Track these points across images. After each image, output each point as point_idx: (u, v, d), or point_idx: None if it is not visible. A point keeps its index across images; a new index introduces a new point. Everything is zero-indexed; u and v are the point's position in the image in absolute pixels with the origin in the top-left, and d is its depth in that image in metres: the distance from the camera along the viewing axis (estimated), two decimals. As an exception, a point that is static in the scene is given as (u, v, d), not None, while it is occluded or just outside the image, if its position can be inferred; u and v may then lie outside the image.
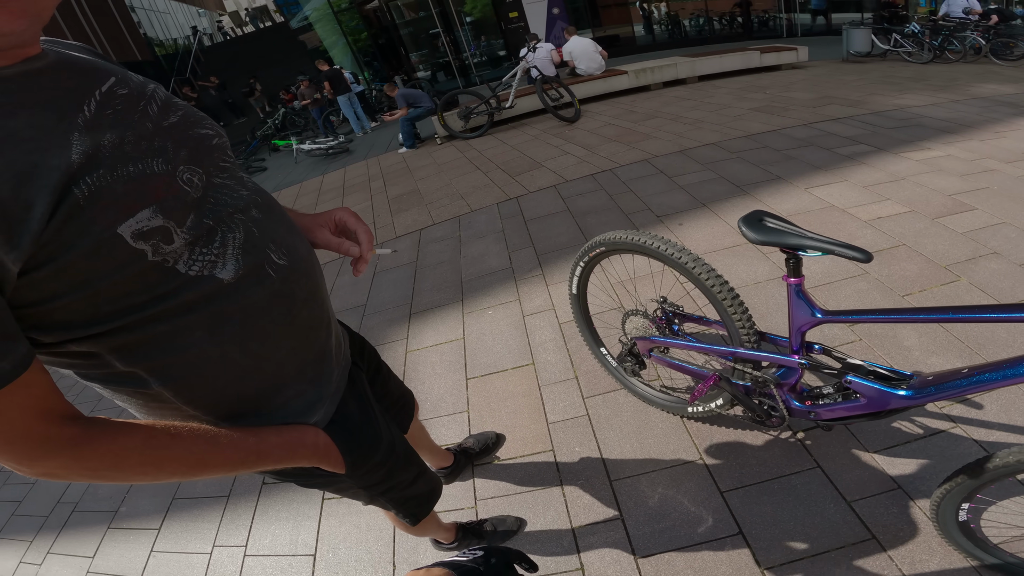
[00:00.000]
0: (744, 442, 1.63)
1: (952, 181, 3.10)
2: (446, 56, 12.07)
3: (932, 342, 1.92)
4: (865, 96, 5.34)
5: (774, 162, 3.69)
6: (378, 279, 3.15)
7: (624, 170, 3.97)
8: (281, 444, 0.67)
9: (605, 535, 1.45)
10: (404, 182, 4.84)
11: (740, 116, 4.99)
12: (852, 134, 4.08)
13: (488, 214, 3.69)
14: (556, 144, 4.97)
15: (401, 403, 1.18)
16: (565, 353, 2.15)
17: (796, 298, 1.17)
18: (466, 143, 5.75)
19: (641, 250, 1.39)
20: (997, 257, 2.36)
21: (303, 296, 0.69)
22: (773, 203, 3.10)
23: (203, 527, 1.83)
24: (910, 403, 1.07)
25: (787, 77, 6.98)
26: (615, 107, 6.20)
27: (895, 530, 1.33)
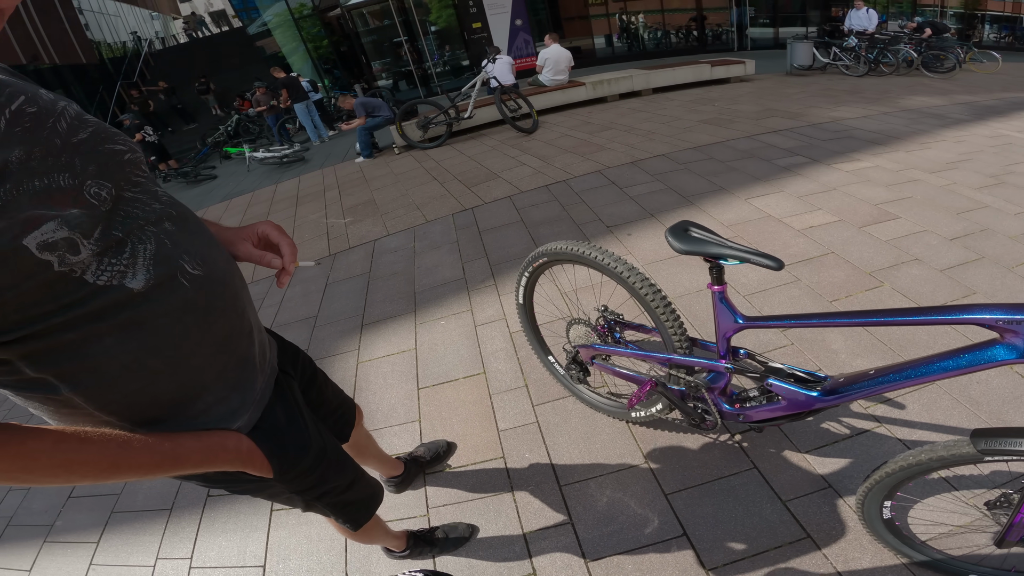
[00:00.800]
0: (685, 445, 1.69)
1: (878, 191, 3.30)
2: (408, 65, 12.02)
3: (857, 345, 2.03)
4: (804, 109, 5.64)
5: (718, 173, 3.84)
6: (330, 290, 3.10)
7: (578, 181, 4.05)
8: (199, 448, 0.69)
9: (556, 540, 1.47)
10: (360, 192, 4.78)
11: (690, 128, 5.18)
12: (790, 146, 4.30)
13: (443, 225, 3.69)
14: (513, 155, 5.02)
15: (340, 412, 1.19)
16: (516, 362, 2.18)
17: (720, 305, 1.22)
18: (424, 153, 5.74)
19: (580, 260, 1.42)
20: (918, 263, 2.52)
21: (220, 305, 0.71)
22: (716, 213, 3.22)
23: (145, 540, 1.77)
24: (824, 404, 1.13)
25: (735, 90, 7.30)
26: (572, 118, 6.31)
27: (828, 528, 1.39)
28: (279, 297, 3.15)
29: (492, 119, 6.35)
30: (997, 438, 0.90)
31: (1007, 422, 1.61)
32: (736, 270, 2.55)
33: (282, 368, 0.93)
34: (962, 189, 3.29)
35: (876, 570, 1.29)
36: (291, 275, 0.88)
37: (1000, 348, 0.83)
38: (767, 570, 1.33)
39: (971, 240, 2.68)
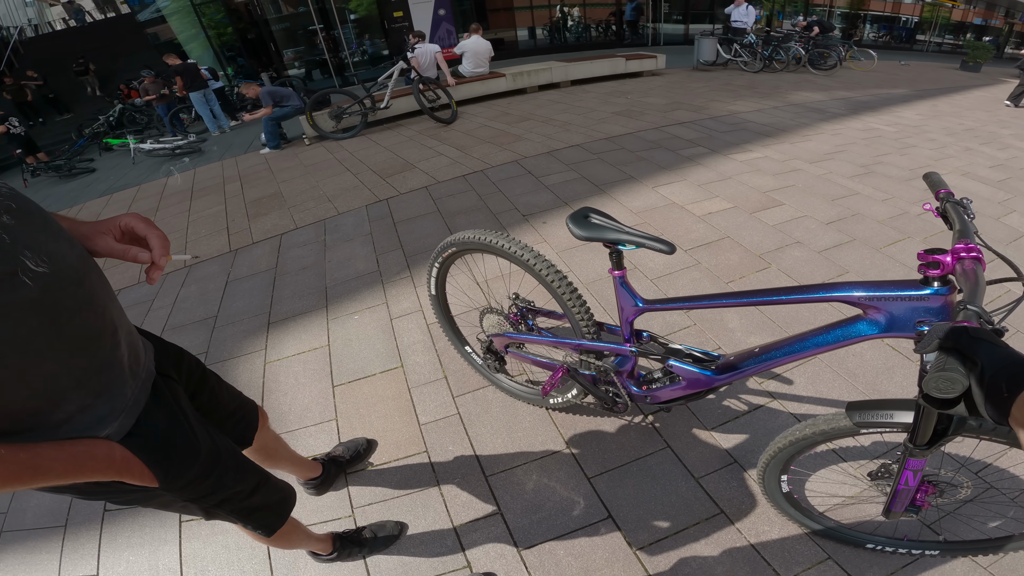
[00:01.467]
0: (603, 429, 1.73)
1: (766, 180, 3.59)
2: (323, 54, 11.37)
3: (750, 323, 2.18)
4: (707, 102, 6.01)
5: (629, 163, 3.99)
6: (231, 288, 2.86)
7: (495, 171, 4.03)
8: (62, 458, 0.65)
9: (487, 531, 1.46)
10: (265, 184, 4.44)
11: (604, 119, 5.34)
12: (693, 137, 4.56)
13: (356, 216, 3.52)
14: (430, 145, 4.90)
15: (239, 415, 1.14)
16: (434, 354, 2.13)
17: (621, 289, 1.24)
18: (337, 144, 5.44)
19: (488, 249, 1.39)
20: (800, 246, 2.77)
21: (72, 306, 0.66)
22: (626, 200, 3.34)
23: (42, 558, 1.58)
24: (720, 382, 1.18)
25: (647, 83, 7.63)
26: (492, 109, 6.29)
27: (738, 503, 1.47)
28: (172, 297, 2.86)
29: (410, 109, 6.17)
30: (869, 411, 0.97)
31: (880, 392, 1.80)
32: (643, 255, 2.66)
33: (162, 372, 0.89)
34: (837, 178, 3.66)
35: (785, 541, 1.37)
36: (162, 270, 0.81)
37: (863, 324, 0.89)
38: (688, 545, 1.39)
39: (844, 224, 2.99)
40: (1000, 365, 0.48)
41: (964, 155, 4.32)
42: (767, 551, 1.35)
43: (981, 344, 0.51)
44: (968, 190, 3.58)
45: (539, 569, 1.36)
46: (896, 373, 1.87)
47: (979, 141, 4.78)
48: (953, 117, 5.78)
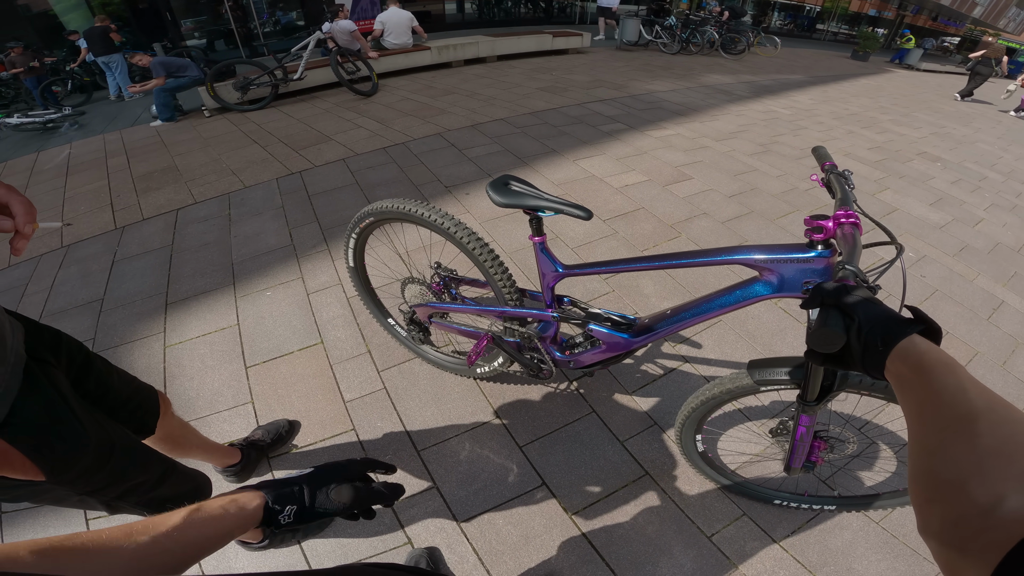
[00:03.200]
0: (531, 397, 1.75)
1: (678, 155, 3.78)
2: (229, 24, 10.32)
3: (663, 288, 2.30)
4: (627, 81, 6.19)
5: (551, 136, 4.03)
6: (118, 268, 2.57)
7: (417, 143, 3.91)
8: None
9: (424, 506, 1.44)
10: (157, 158, 4.00)
11: (528, 95, 5.33)
12: (613, 114, 4.69)
13: (266, 190, 3.28)
14: (349, 118, 4.65)
15: (135, 402, 1.06)
16: (355, 328, 2.06)
17: (542, 255, 1.24)
18: (243, 116, 5.01)
19: (407, 218, 1.35)
20: (706, 217, 2.95)
21: None
22: (548, 173, 3.38)
23: None
24: (637, 344, 1.23)
25: (572, 61, 7.71)
26: (415, 82, 6.07)
27: (661, 464, 1.55)
28: (48, 281, 2.52)
29: (327, 81, 5.80)
30: (767, 368, 1.03)
31: (775, 351, 1.97)
32: (564, 225, 2.71)
33: (35, 356, 0.82)
34: (739, 155, 3.93)
35: (705, 499, 1.47)
36: (28, 240, 0.73)
37: (759, 285, 0.95)
38: (619, 508, 1.45)
39: (744, 197, 3.23)
40: (875, 321, 0.49)
41: (847, 137, 4.80)
42: (690, 509, 1.45)
43: (859, 303, 0.53)
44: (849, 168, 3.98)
45: (480, 539, 1.37)
46: (788, 334, 2.07)
47: (861, 125, 5.33)
48: (840, 103, 6.39)
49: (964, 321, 2.32)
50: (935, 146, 4.93)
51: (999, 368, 2.08)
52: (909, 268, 2.69)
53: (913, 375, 0.42)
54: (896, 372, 0.45)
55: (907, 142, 4.91)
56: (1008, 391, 1.96)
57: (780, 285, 0.92)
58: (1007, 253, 3.03)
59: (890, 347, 0.46)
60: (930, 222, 3.24)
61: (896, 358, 0.45)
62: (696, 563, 1.33)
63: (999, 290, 2.62)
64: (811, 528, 1.41)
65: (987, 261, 2.89)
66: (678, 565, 1.32)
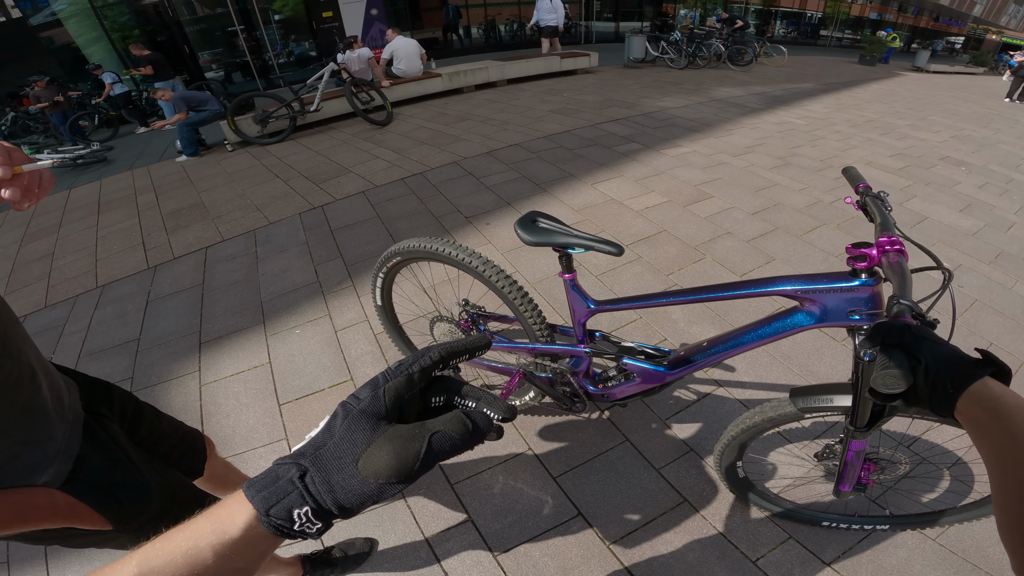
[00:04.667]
0: (563, 427, 1.73)
1: (696, 173, 3.76)
2: (245, 56, 10.69)
3: (692, 314, 2.27)
4: (638, 99, 6.22)
5: (567, 160, 4.05)
6: (153, 308, 2.62)
7: (434, 173, 3.96)
8: (2, 509, 0.63)
9: (459, 539, 1.43)
10: (184, 195, 4.11)
11: (541, 118, 5.39)
12: (627, 133, 4.70)
13: (289, 225, 3.34)
14: (366, 148, 4.74)
15: (185, 446, 1.10)
16: (384, 364, 2.06)
17: (572, 292, 1.24)
18: (263, 149, 5.13)
19: (434, 257, 1.35)
20: (730, 236, 2.92)
21: None
22: (567, 199, 3.39)
23: None
24: (673, 376, 1.21)
25: (581, 81, 7.79)
26: (428, 110, 6.17)
27: (700, 491, 1.52)
28: (85, 321, 2.59)
29: (343, 112, 5.93)
30: (811, 396, 1.01)
31: (813, 372, 1.92)
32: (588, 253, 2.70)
33: (92, 410, 0.84)
34: (758, 170, 3.90)
35: (748, 524, 1.43)
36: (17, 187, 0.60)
37: (801, 315, 0.94)
38: (659, 536, 1.42)
39: (768, 214, 3.19)
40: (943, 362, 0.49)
41: (867, 145, 4.74)
42: (733, 535, 1.41)
43: (924, 342, 0.52)
44: (872, 178, 3.92)
45: (517, 572, 1.35)
46: (825, 354, 2.01)
47: (879, 132, 5.26)
48: (855, 110, 6.33)
49: (1007, 331, 2.25)
50: (957, 150, 4.84)
51: (1052, 385, 1.99)
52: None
53: (989, 419, 0.42)
54: (969, 415, 0.45)
55: (928, 147, 4.83)
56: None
57: (823, 315, 0.90)
58: (1046, 261, 2.93)
59: (961, 390, 0.46)
60: (962, 229, 3.16)
61: (969, 400, 0.45)
62: (743, 592, 1.28)
63: (1042, 300, 2.53)
64: (863, 549, 1.37)
65: (1025, 268, 2.80)
66: (725, 595, 1.27)
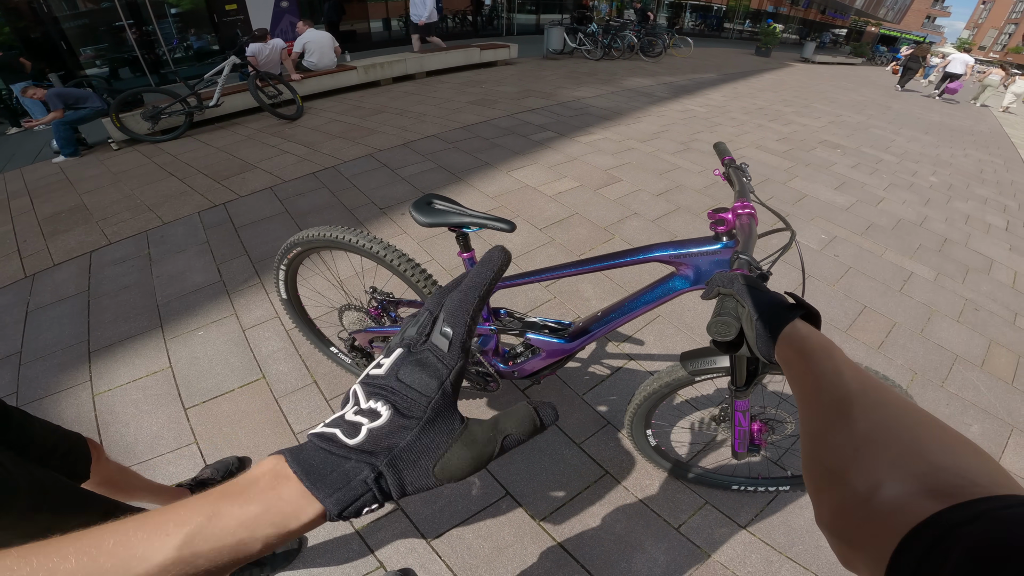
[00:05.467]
0: (481, 409, 1.75)
1: (607, 159, 3.93)
2: (133, 51, 9.70)
3: (601, 290, 2.37)
4: (554, 89, 6.37)
5: (483, 150, 4.08)
6: (33, 319, 2.34)
7: (348, 166, 3.83)
8: None
9: (391, 528, 1.42)
10: (63, 197, 3.68)
11: (459, 109, 5.37)
12: (542, 122, 4.81)
13: (187, 225, 3.09)
14: (273, 144, 4.49)
15: (63, 448, 1.06)
16: (298, 360, 2.00)
17: None
18: (155, 147, 4.71)
19: (335, 244, 1.32)
20: (637, 216, 3.08)
21: None
22: (482, 186, 3.41)
23: None
24: (574, 347, 1.24)
25: (500, 73, 7.84)
26: (342, 103, 5.94)
27: (619, 462, 1.58)
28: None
29: (247, 107, 5.56)
30: (698, 359, 1.05)
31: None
32: (502, 238, 2.75)
33: None
34: (663, 154, 4.14)
35: (667, 491, 1.51)
36: None
37: (677, 279, 0.98)
38: (586, 510, 1.46)
39: (671, 195, 3.40)
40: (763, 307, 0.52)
41: (757, 131, 5.17)
42: (654, 503, 1.48)
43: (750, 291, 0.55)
44: (761, 160, 4.29)
45: (452, 556, 1.36)
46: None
47: (768, 118, 5.75)
48: (749, 98, 6.88)
49: (879, 295, 2.54)
50: (834, 134, 5.41)
51: (918, 336, 2.29)
52: (822, 250, 2.93)
53: (797, 359, 0.43)
54: (784, 357, 0.46)
55: (809, 132, 5.36)
56: (930, 358, 2.15)
57: (696, 278, 0.96)
58: (910, 228, 3.37)
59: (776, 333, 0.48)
60: (837, 205, 3.54)
61: (783, 343, 0.47)
62: (668, 555, 1.37)
63: (907, 263, 2.90)
64: (774, 511, 1.48)
65: (892, 236, 3.20)
66: (651, 559, 1.36)
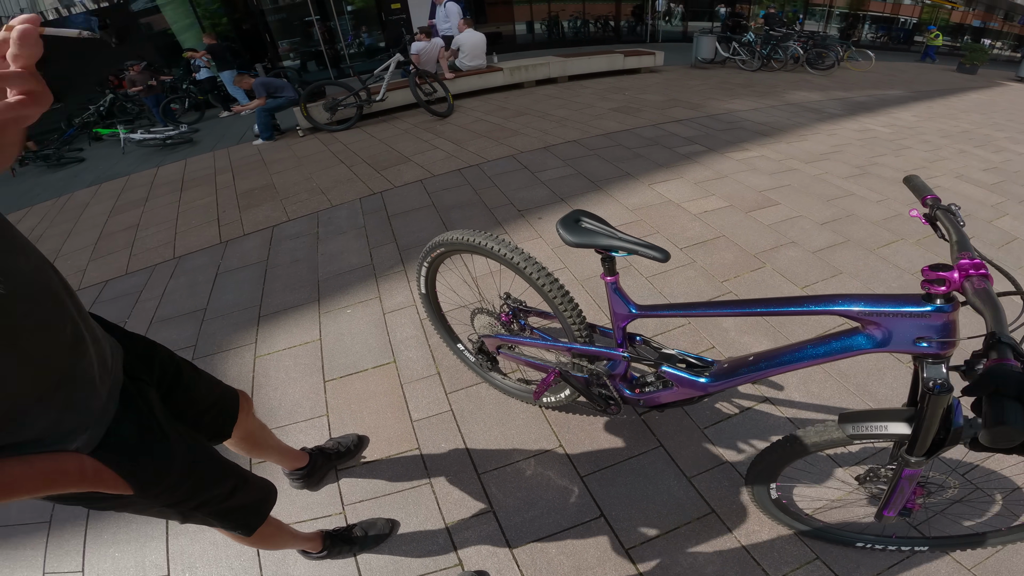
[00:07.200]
0: (597, 426, 1.72)
1: (762, 179, 3.58)
2: (319, 45, 11.25)
3: (744, 323, 2.17)
4: (704, 100, 5.99)
5: (625, 159, 3.97)
6: (221, 280, 2.82)
7: (491, 165, 4.00)
8: (32, 475, 0.64)
9: (478, 529, 1.45)
10: (257, 176, 4.38)
11: (601, 115, 5.31)
12: (690, 135, 4.54)
13: (350, 209, 3.48)
14: (426, 139, 4.86)
15: (217, 408, 1.10)
16: (427, 349, 2.11)
17: (614, 295, 1.22)
18: (331, 136, 5.38)
19: (477, 250, 1.37)
20: (794, 246, 2.76)
21: (30, 325, 0.62)
22: (622, 197, 3.32)
23: (27, 554, 1.56)
24: (712, 389, 1.16)
25: (644, 80, 7.60)
26: (488, 103, 6.24)
27: (729, 503, 1.46)
28: (160, 289, 2.82)
29: (406, 102, 6.11)
30: (862, 422, 0.94)
31: (871, 393, 1.80)
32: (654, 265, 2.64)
33: (132, 374, 0.85)
34: (832, 178, 3.66)
35: (775, 541, 1.37)
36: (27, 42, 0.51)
37: (862, 337, 0.86)
38: (679, 546, 1.38)
39: (839, 225, 2.99)
40: None
41: (958, 157, 4.33)
42: (757, 551, 1.35)
43: None
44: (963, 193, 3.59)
45: (531, 568, 1.35)
46: (887, 375, 1.87)
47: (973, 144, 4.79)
48: (948, 119, 5.80)
49: None
50: (1067, 169, 4.32)
51: None
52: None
53: None
54: None
55: (1031, 164, 4.35)
56: None
57: (886, 340, 0.82)
58: None
59: None
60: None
61: None
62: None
63: None
64: (894, 572, 1.28)
65: None
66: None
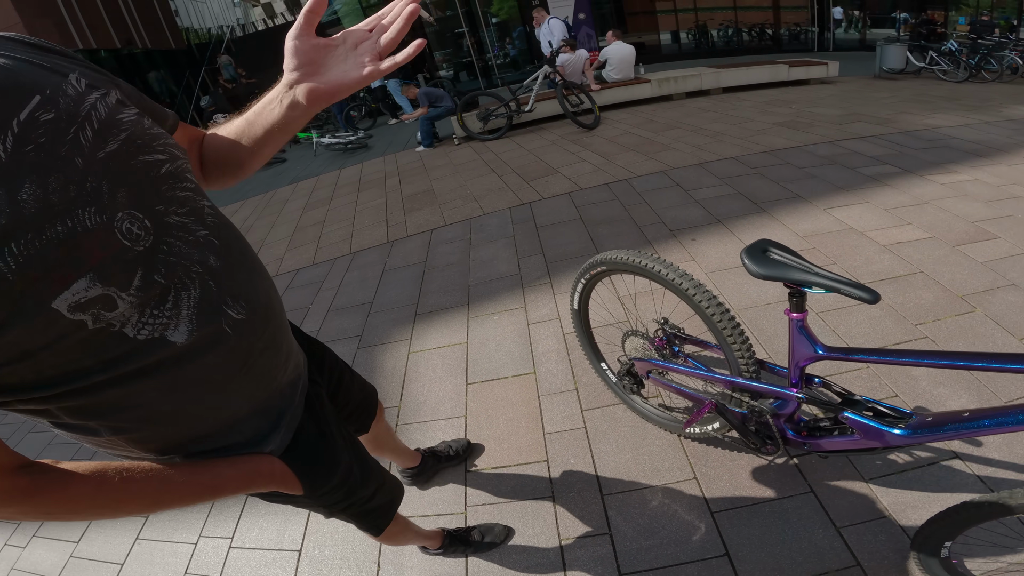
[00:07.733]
0: (739, 463, 1.60)
1: (976, 207, 2.99)
2: (469, 56, 12.13)
3: (940, 373, 1.85)
4: (895, 114, 5.19)
5: (794, 180, 3.61)
6: (387, 277, 3.17)
7: (640, 181, 3.93)
8: (236, 477, 0.69)
9: (592, 550, 1.44)
10: (419, 181, 4.86)
11: (763, 130, 4.90)
12: (878, 153, 3.97)
13: (500, 218, 3.68)
14: (573, 150, 4.94)
15: (363, 407, 1.18)
16: (567, 364, 2.14)
17: (798, 333, 1.13)
18: (483, 145, 5.76)
19: (641, 272, 1.36)
20: (1015, 289, 2.27)
21: (261, 347, 0.68)
22: (790, 222, 3.03)
23: (191, 517, 1.85)
24: (906, 442, 1.03)
25: (815, 92, 6.84)
26: (636, 116, 6.14)
27: (880, 558, 1.30)
28: (338, 280, 3.26)
29: (553, 113, 6.28)
30: None
31: None
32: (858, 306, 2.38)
33: (311, 378, 0.90)
34: (1077, 211, 2.92)
35: None
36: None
37: None
38: None
39: (1083, 268, 2.38)
40: None
41: None
42: None
43: None
44: None
45: None
46: None
47: None
48: None
49: None
50: None
51: None
52: None
53: None
54: None
55: None
56: None
57: None
58: None
59: None
60: None
61: None
62: None
63: None
64: None
65: None
66: None
